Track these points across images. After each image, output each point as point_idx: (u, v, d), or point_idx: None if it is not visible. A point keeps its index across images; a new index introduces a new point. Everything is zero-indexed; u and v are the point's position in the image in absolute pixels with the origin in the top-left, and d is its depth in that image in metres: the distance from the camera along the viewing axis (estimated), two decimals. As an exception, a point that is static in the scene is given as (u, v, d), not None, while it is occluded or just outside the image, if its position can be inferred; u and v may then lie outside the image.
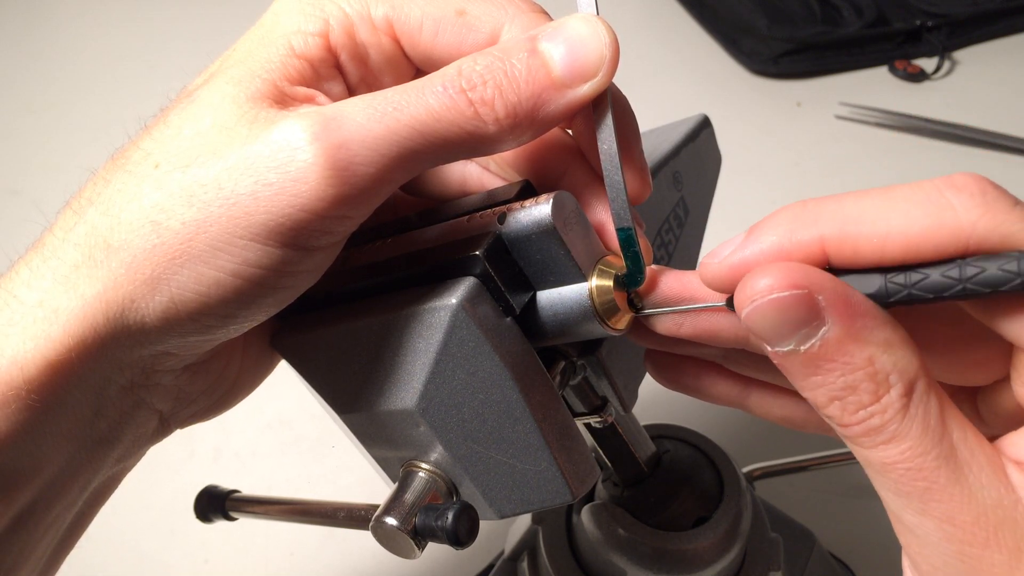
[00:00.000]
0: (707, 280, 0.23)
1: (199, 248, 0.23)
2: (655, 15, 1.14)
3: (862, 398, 0.20)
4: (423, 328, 0.25)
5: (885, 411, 0.20)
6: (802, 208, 0.21)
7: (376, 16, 0.26)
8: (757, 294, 0.20)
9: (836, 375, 0.20)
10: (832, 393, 0.20)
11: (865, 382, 0.20)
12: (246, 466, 0.66)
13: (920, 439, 0.20)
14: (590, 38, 0.23)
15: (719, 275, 0.22)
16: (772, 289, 0.20)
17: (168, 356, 0.26)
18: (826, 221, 0.21)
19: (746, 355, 0.27)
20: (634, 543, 0.38)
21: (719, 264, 0.22)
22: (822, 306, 0.19)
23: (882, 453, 0.20)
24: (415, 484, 0.28)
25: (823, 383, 0.20)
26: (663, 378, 0.29)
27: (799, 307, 0.19)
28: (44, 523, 0.26)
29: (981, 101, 0.95)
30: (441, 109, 0.22)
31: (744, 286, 0.20)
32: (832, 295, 0.19)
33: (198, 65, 0.27)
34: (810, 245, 0.21)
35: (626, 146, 0.25)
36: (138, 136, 0.25)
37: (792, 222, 0.21)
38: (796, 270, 0.20)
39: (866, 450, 0.20)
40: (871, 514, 0.60)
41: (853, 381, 0.20)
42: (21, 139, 1.00)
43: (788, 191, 0.87)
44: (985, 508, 0.19)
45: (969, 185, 0.19)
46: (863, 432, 0.20)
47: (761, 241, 0.21)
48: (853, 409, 0.20)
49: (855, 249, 0.20)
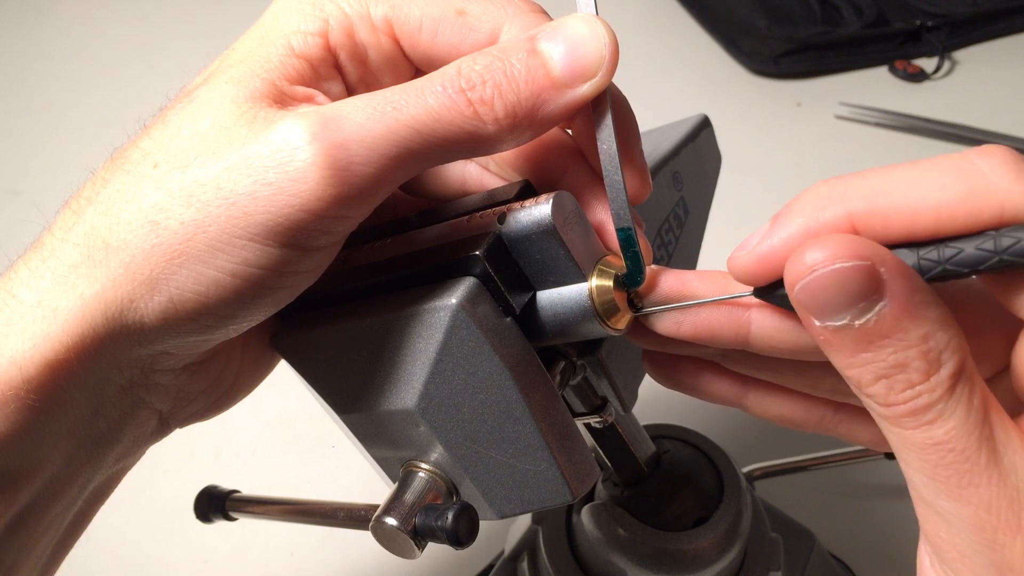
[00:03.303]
0: (737, 273, 0.22)
1: (198, 248, 0.22)
2: (655, 15, 1.14)
3: (912, 376, 0.19)
4: (423, 328, 0.25)
5: (934, 390, 0.19)
6: (827, 187, 0.21)
7: (375, 16, 0.26)
8: (818, 264, 0.19)
9: (888, 352, 0.19)
10: (881, 371, 0.19)
11: (917, 360, 0.19)
12: (246, 466, 0.66)
13: (964, 420, 0.19)
14: (589, 38, 0.23)
15: (749, 266, 0.22)
16: (834, 259, 0.19)
17: (167, 356, 0.26)
18: (853, 197, 0.20)
19: (744, 354, 0.26)
20: (634, 543, 0.38)
21: (748, 255, 0.22)
22: (884, 279, 0.19)
23: (925, 434, 0.19)
24: (415, 484, 0.28)
25: (873, 360, 0.19)
26: (661, 377, 0.29)
27: (862, 279, 0.19)
28: (43, 523, 0.26)
29: (981, 101, 0.95)
30: (440, 109, 0.22)
31: (800, 258, 0.19)
32: (894, 267, 0.19)
33: (198, 65, 0.27)
34: (838, 223, 0.20)
35: (626, 146, 0.25)
36: (137, 136, 0.25)
37: (818, 202, 0.21)
38: (858, 240, 0.19)
39: (908, 431, 0.20)
40: (871, 514, 0.60)
41: (905, 359, 0.19)
42: (21, 139, 1.00)
43: (788, 191, 0.86)
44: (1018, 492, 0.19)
45: (999, 153, 0.19)
46: (908, 411, 0.19)
47: (788, 226, 0.21)
48: (901, 387, 0.19)
49: (885, 223, 0.20)
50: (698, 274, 0.25)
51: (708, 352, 0.27)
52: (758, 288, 0.23)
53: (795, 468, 0.58)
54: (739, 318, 0.24)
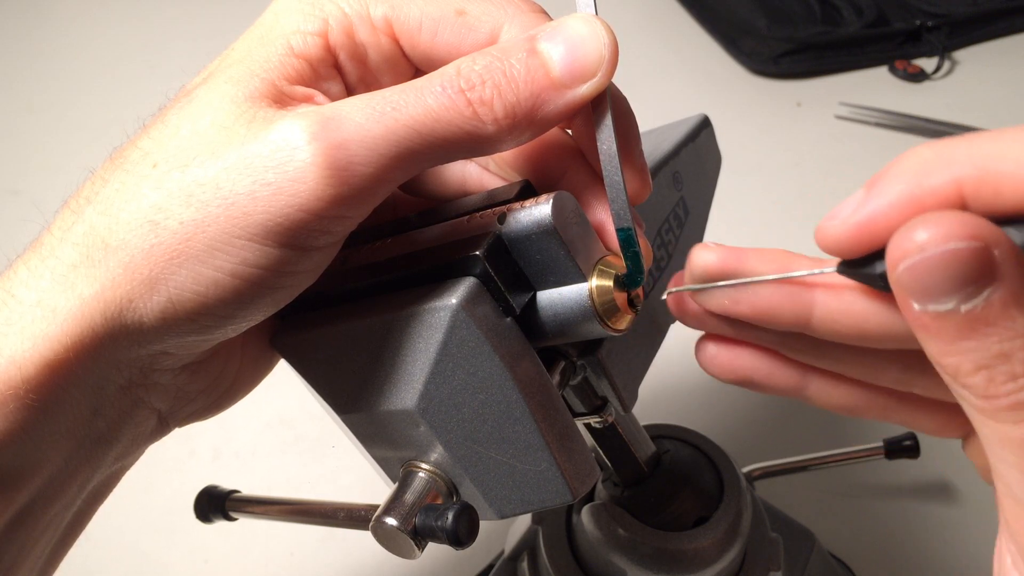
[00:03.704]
0: (828, 243, 0.21)
1: (197, 248, 0.22)
2: (655, 15, 1.14)
3: (1016, 368, 0.18)
4: (423, 328, 0.25)
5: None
6: (931, 150, 0.19)
7: (375, 16, 0.26)
8: (929, 244, 0.17)
9: (992, 340, 0.18)
10: (982, 360, 0.18)
11: (1022, 351, 0.18)
12: (246, 466, 0.66)
13: None
14: (589, 38, 0.23)
15: (844, 236, 0.20)
16: (947, 238, 0.17)
17: (166, 356, 0.26)
18: (962, 161, 0.18)
19: (805, 340, 0.25)
20: (634, 543, 0.38)
21: (842, 223, 0.20)
22: (998, 262, 0.17)
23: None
24: (415, 484, 0.28)
25: (975, 348, 0.18)
26: (718, 367, 0.27)
27: (976, 261, 0.17)
28: (43, 522, 0.26)
29: (981, 101, 0.95)
30: (440, 109, 0.22)
31: (907, 236, 0.18)
32: (1009, 249, 0.17)
33: (198, 65, 0.27)
34: (945, 190, 0.18)
35: (626, 146, 0.25)
36: (136, 135, 0.25)
37: (922, 166, 0.19)
38: (972, 219, 0.17)
39: (1007, 425, 0.19)
40: (871, 514, 0.60)
41: (1010, 349, 0.18)
42: (21, 139, 1.00)
43: (788, 191, 0.87)
44: None
45: None
46: (1010, 405, 0.18)
47: (888, 192, 0.19)
48: (1003, 379, 0.18)
49: (996, 192, 0.18)
50: (757, 251, 0.24)
51: (767, 338, 0.26)
52: (844, 263, 0.21)
53: (795, 468, 0.58)
54: (802, 297, 0.23)
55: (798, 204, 0.85)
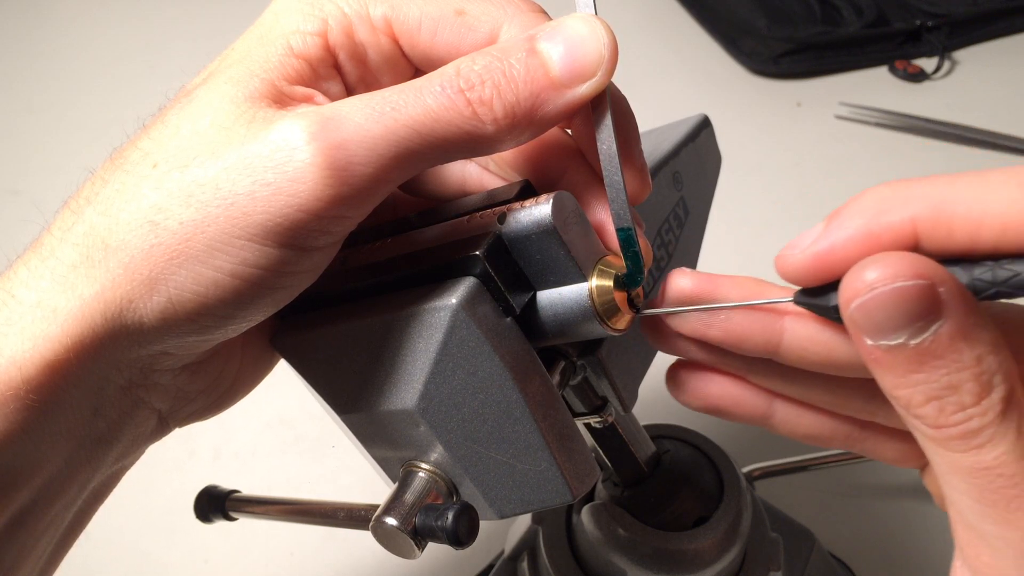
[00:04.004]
0: (788, 273, 0.22)
1: (197, 248, 0.22)
2: (655, 15, 1.14)
3: (964, 399, 0.19)
4: (423, 328, 0.25)
5: (985, 414, 0.19)
6: (890, 188, 0.20)
7: (375, 16, 0.26)
8: (878, 282, 0.19)
9: (941, 373, 0.19)
10: (932, 392, 0.19)
11: (970, 382, 0.19)
12: (246, 466, 0.66)
13: (1014, 444, 0.19)
14: (589, 38, 0.23)
15: (803, 266, 0.21)
16: (895, 277, 0.18)
17: (166, 356, 0.26)
18: (918, 201, 0.19)
19: (772, 367, 0.26)
20: (634, 543, 0.38)
21: (802, 254, 0.21)
22: (943, 299, 0.18)
23: (974, 458, 0.19)
24: (415, 484, 0.28)
25: (925, 381, 0.19)
26: (686, 393, 0.28)
27: (921, 299, 0.18)
28: (43, 522, 0.26)
29: (981, 101, 0.95)
30: (439, 109, 0.22)
31: (859, 274, 0.19)
32: (953, 287, 0.19)
33: (198, 65, 0.27)
34: (902, 227, 0.20)
35: (626, 146, 0.25)
36: (136, 136, 0.25)
37: (880, 203, 0.20)
38: (919, 259, 0.19)
39: (957, 454, 0.19)
40: (871, 514, 0.60)
41: (958, 380, 0.19)
42: (21, 139, 1.00)
43: (788, 191, 0.87)
44: None
45: None
46: (959, 435, 0.19)
47: (846, 226, 0.20)
48: (952, 410, 0.19)
49: (949, 232, 0.19)
50: (730, 278, 0.25)
51: (734, 365, 0.27)
52: (800, 294, 0.22)
53: (795, 468, 0.58)
54: (772, 324, 0.24)
55: (798, 204, 0.85)
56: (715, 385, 0.27)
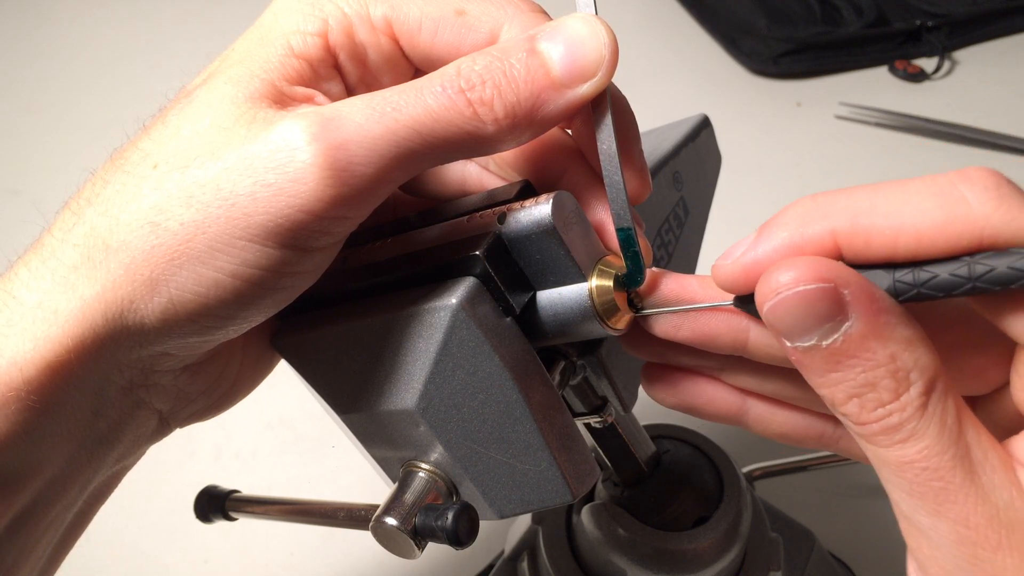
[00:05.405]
0: (721, 282, 0.23)
1: (198, 249, 0.22)
2: (655, 15, 1.14)
3: (882, 395, 0.20)
4: (423, 328, 0.25)
5: (904, 409, 0.20)
6: (812, 202, 0.21)
7: (375, 16, 0.26)
8: (782, 287, 0.20)
9: (857, 371, 0.20)
10: (851, 390, 0.20)
11: (886, 379, 0.19)
12: (246, 466, 0.66)
13: (937, 438, 0.19)
14: (589, 38, 0.23)
15: (733, 275, 0.22)
16: (798, 282, 0.19)
17: (167, 357, 0.26)
18: (837, 214, 0.20)
19: (744, 366, 0.26)
20: (634, 543, 0.38)
21: (732, 264, 0.22)
22: (847, 300, 0.19)
23: (898, 452, 0.20)
24: (415, 484, 0.28)
25: (842, 379, 0.20)
26: (661, 391, 0.28)
27: (824, 301, 0.19)
28: (44, 523, 0.26)
29: (981, 101, 0.95)
30: (440, 109, 0.22)
31: (767, 280, 0.20)
32: (857, 289, 0.19)
33: (198, 65, 0.27)
34: (822, 239, 0.21)
35: (626, 146, 0.25)
36: (137, 136, 0.25)
37: (803, 217, 0.21)
38: (822, 263, 0.19)
39: (882, 449, 0.20)
40: (871, 514, 0.60)
41: (873, 378, 0.20)
42: (21, 139, 1.00)
43: (788, 191, 0.87)
44: (998, 510, 0.19)
45: (983, 179, 0.19)
46: (881, 430, 0.20)
47: (773, 238, 0.21)
48: (872, 406, 0.20)
49: (867, 242, 0.20)
50: (699, 279, 0.25)
51: (708, 366, 0.27)
52: (738, 298, 0.23)
53: (795, 468, 0.58)
54: (739, 324, 0.24)
55: (798, 204, 0.85)
56: (689, 385, 0.28)
